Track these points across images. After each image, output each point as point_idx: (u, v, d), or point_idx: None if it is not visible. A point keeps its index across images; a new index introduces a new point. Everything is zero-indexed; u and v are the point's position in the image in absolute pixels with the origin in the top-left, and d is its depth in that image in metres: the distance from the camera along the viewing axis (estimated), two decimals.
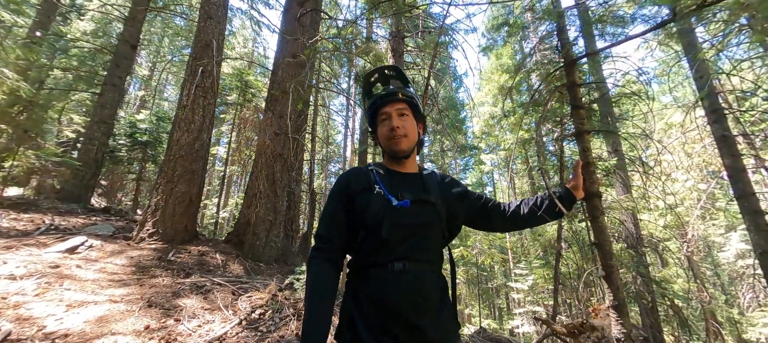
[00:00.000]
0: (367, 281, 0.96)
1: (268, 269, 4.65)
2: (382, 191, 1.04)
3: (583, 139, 1.13)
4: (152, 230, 4.32)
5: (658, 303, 5.36)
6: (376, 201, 1.01)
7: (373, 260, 0.97)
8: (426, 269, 0.99)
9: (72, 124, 9.70)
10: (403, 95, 1.08)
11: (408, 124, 1.07)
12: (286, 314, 3.20)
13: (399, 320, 0.90)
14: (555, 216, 1.12)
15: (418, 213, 1.02)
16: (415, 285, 0.94)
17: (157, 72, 16.23)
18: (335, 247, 1.00)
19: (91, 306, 2.65)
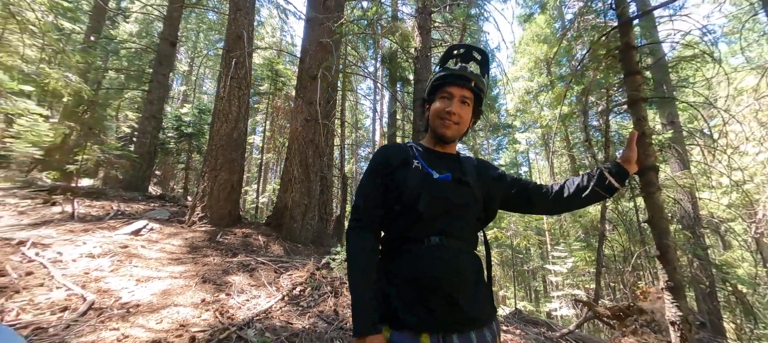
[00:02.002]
0: (402, 256, 0.96)
1: (305, 250, 4.90)
2: (420, 165, 1.04)
3: (639, 108, 1.03)
4: (201, 214, 4.71)
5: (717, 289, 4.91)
6: (413, 175, 1.00)
7: (408, 236, 0.97)
8: (462, 247, 0.99)
9: (127, 120, 10.66)
10: (476, 85, 1.05)
11: (465, 113, 1.05)
12: (324, 291, 3.38)
13: (436, 294, 0.90)
14: (604, 194, 1.04)
15: (455, 191, 1.01)
16: (451, 261, 0.94)
17: (196, 67, 17.19)
18: (373, 218, 1.01)
19: (156, 281, 2.98)
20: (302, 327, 2.66)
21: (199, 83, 18.67)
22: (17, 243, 3.06)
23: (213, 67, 17.30)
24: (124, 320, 2.31)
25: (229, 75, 5.43)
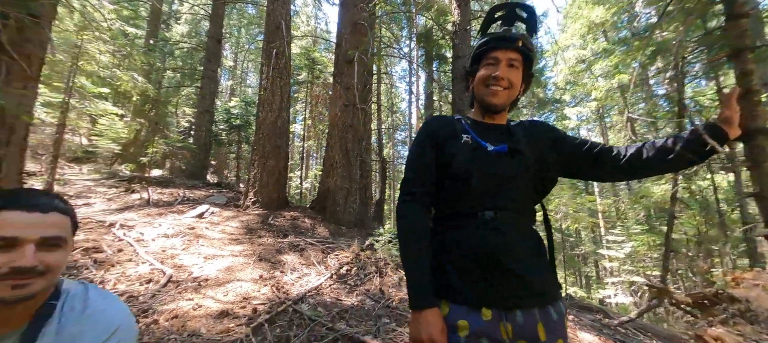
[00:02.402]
0: (455, 231, 0.93)
1: (349, 232, 5.07)
2: (470, 138, 0.98)
3: (743, 60, 0.85)
4: (254, 198, 5.08)
5: None
6: (463, 149, 0.96)
7: (459, 210, 0.94)
8: (518, 221, 0.94)
9: (185, 115, 11.69)
10: (524, 44, 0.96)
11: (514, 77, 0.96)
12: (369, 271, 3.48)
13: (494, 268, 0.87)
14: (695, 158, 0.90)
15: (509, 164, 0.95)
16: (507, 235, 0.89)
17: (239, 61, 18.21)
18: (425, 191, 0.97)
19: (220, 258, 3.30)
20: (351, 304, 2.78)
21: (243, 77, 19.80)
22: (109, 225, 3.56)
23: (255, 60, 18.19)
24: (197, 292, 2.60)
25: (271, 65, 5.65)
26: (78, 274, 2.52)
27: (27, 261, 0.63)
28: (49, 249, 0.67)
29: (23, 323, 0.68)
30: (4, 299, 0.62)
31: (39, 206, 0.67)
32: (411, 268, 0.89)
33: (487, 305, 0.85)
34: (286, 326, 2.32)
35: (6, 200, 0.66)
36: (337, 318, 2.50)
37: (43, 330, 0.69)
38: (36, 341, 0.67)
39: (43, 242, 0.65)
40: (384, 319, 2.61)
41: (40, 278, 0.65)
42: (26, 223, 0.65)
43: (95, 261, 2.74)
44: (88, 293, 0.77)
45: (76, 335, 0.70)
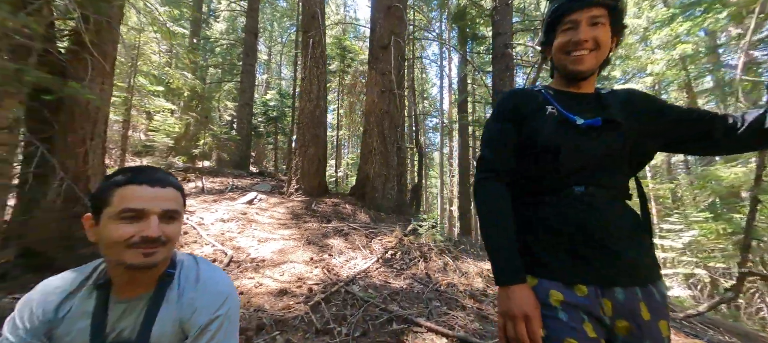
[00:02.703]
0: (542, 207, 0.88)
1: (388, 218, 5.11)
2: (556, 110, 0.91)
3: None
4: (297, 186, 5.27)
5: None
6: (549, 123, 0.89)
7: (546, 186, 0.89)
8: (612, 196, 0.87)
9: (227, 109, 12.35)
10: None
11: (601, 35, 0.86)
12: (414, 256, 3.49)
13: (589, 244, 0.81)
14: None
15: (602, 137, 0.86)
16: (600, 209, 0.83)
17: (274, 55, 18.78)
18: (505, 168, 0.93)
19: (272, 241, 3.48)
20: (400, 287, 2.81)
21: (278, 70, 20.44)
22: None
23: (288, 53, 18.67)
24: (256, 272, 2.77)
25: (309, 55, 5.74)
26: None
27: (153, 231, 0.68)
28: (168, 221, 0.73)
29: (150, 288, 0.76)
30: (135, 265, 0.68)
31: (160, 181, 0.73)
32: (496, 244, 0.86)
33: (581, 282, 0.80)
34: (341, 306, 2.40)
35: (132, 175, 0.72)
36: (388, 300, 2.54)
37: (166, 295, 0.76)
38: (162, 303, 0.75)
39: (164, 214, 0.71)
40: (434, 302, 2.61)
41: (163, 247, 0.71)
42: (151, 196, 0.70)
43: None
44: (198, 265, 0.83)
45: (194, 300, 0.76)
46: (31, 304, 0.70)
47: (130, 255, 0.67)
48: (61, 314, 0.70)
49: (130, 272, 0.70)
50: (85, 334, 0.69)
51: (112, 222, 0.67)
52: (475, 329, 2.26)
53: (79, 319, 0.71)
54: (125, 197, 0.68)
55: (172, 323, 0.74)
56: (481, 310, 2.57)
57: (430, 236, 3.73)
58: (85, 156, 2.46)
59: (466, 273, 3.30)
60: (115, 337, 0.72)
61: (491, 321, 2.40)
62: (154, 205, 0.70)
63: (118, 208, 0.68)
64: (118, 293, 0.74)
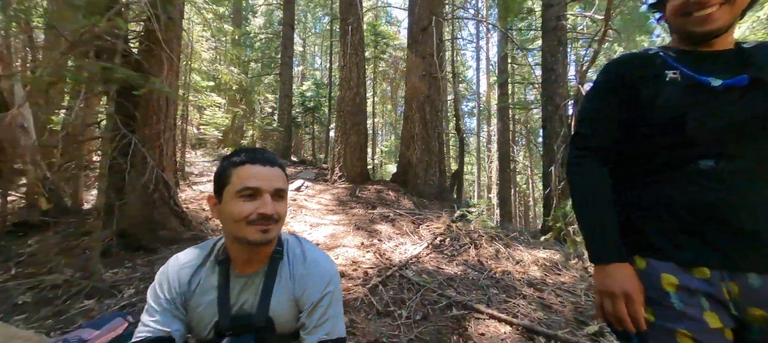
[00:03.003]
0: (657, 185, 0.79)
1: (431, 204, 5.05)
2: (679, 74, 0.78)
3: None
4: (340, 173, 5.38)
5: None
6: (670, 90, 0.77)
7: (662, 162, 0.79)
8: (752, 169, 0.73)
9: (267, 101, 12.88)
10: None
11: None
12: (464, 242, 3.41)
13: (716, 223, 0.71)
14: None
15: (745, 100, 0.72)
16: (734, 186, 0.72)
17: (308, 46, 19.15)
18: (603, 145, 0.86)
19: (323, 226, 3.59)
20: (453, 273, 2.77)
21: (311, 61, 20.86)
22: None
23: (321, 44, 18.93)
24: None
25: (348, 42, 5.73)
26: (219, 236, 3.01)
27: (269, 209, 0.71)
28: (279, 199, 0.75)
29: (264, 264, 0.79)
30: (255, 241, 0.71)
31: (270, 161, 0.76)
32: (593, 221, 0.81)
33: (704, 264, 0.71)
34: (398, 289, 2.42)
35: (247, 155, 0.76)
36: (444, 285, 2.51)
37: (278, 271, 0.80)
38: (276, 277, 0.79)
39: (275, 192, 0.74)
40: (492, 289, 2.54)
41: (275, 224, 0.74)
42: (265, 175, 0.73)
43: None
44: (302, 244, 0.86)
45: (305, 277, 0.79)
46: (168, 276, 0.76)
47: (251, 231, 0.70)
48: (192, 287, 0.76)
49: (248, 248, 0.74)
50: (214, 305, 0.75)
51: (233, 200, 0.71)
52: (540, 318, 2.16)
53: (207, 292, 0.76)
54: (243, 177, 0.72)
55: (287, 297, 0.78)
56: (542, 299, 2.45)
57: (479, 223, 3.62)
58: (160, 148, 2.68)
59: (521, 261, 3.16)
60: (238, 309, 0.76)
61: (555, 311, 2.28)
62: (267, 184, 0.72)
63: (237, 187, 0.71)
64: (237, 268, 0.78)
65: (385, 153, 16.56)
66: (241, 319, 0.75)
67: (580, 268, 3.12)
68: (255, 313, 0.76)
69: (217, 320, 0.74)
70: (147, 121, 2.57)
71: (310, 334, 0.75)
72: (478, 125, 17.21)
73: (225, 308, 0.75)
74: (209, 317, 0.75)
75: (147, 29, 2.56)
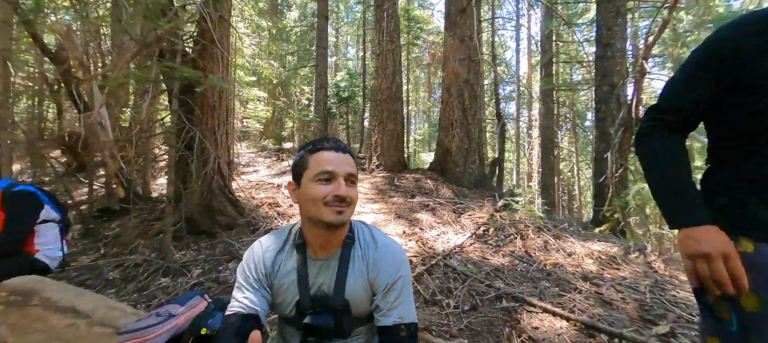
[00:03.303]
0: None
1: (471, 193, 4.91)
2: None
3: None
4: (377, 162, 5.42)
5: None
6: None
7: None
8: None
9: (304, 93, 13.26)
10: None
11: None
12: (509, 232, 3.28)
13: None
14: None
15: None
16: None
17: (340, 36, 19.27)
18: (686, 120, 0.82)
19: (364, 215, 3.66)
20: (500, 264, 2.68)
21: (344, 51, 21.02)
22: (277, 186, 4.39)
23: (354, 33, 18.95)
24: None
25: (383, 29, 5.66)
26: (270, 223, 3.18)
27: (343, 191, 0.74)
28: (350, 184, 0.77)
29: (337, 248, 0.82)
30: (331, 222, 0.74)
31: (342, 148, 0.79)
32: (673, 185, 0.78)
33: None
34: (443, 279, 2.40)
35: (321, 142, 0.80)
36: (491, 276, 2.45)
37: (352, 255, 0.82)
38: (349, 261, 0.82)
39: (347, 177, 0.76)
40: (543, 282, 2.42)
41: (348, 207, 0.76)
42: (338, 160, 0.76)
43: (278, 213, 3.40)
44: (371, 230, 0.87)
45: (378, 261, 0.81)
46: (254, 258, 0.82)
47: (327, 212, 0.73)
48: (275, 269, 0.82)
49: (324, 230, 0.77)
50: (294, 286, 0.80)
51: (311, 183, 0.75)
52: (599, 314, 2.02)
53: (288, 273, 0.81)
54: (319, 161, 0.75)
55: (361, 280, 0.80)
56: (600, 294, 2.29)
57: (526, 212, 3.45)
58: (216, 140, 2.87)
59: (573, 253, 2.98)
60: (316, 290, 0.81)
61: (617, 307, 2.12)
62: (341, 168, 0.75)
63: (315, 171, 0.75)
64: (313, 252, 0.82)
65: (419, 141, 16.37)
66: (320, 299, 0.79)
67: (642, 263, 2.86)
68: (332, 295, 0.79)
69: (298, 300, 0.79)
70: (204, 116, 2.76)
71: (384, 316, 0.77)
72: (518, 110, 16.29)
73: (304, 289, 0.79)
74: (291, 297, 0.80)
75: (201, 29, 2.71)
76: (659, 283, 2.38)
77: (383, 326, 0.77)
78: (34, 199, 1.56)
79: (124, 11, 2.83)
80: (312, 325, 0.77)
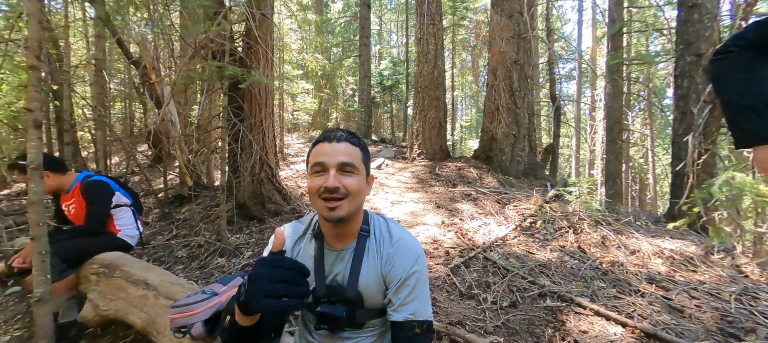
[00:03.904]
0: None
1: (519, 183, 4.59)
2: None
3: None
4: (418, 151, 5.34)
5: None
6: None
7: None
8: None
9: (348, 84, 13.54)
10: None
11: None
12: (560, 226, 3.01)
13: None
14: None
15: None
16: None
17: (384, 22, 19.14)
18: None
19: (403, 204, 3.65)
20: (547, 259, 2.48)
21: (387, 39, 20.88)
22: None
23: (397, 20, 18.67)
24: None
25: (425, 13, 5.46)
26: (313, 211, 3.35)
27: (330, 182, 0.71)
28: (345, 174, 0.74)
29: (352, 240, 0.83)
30: (324, 217, 0.75)
31: (337, 137, 0.77)
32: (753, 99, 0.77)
33: None
34: (482, 272, 2.30)
35: (321, 135, 0.80)
36: (535, 272, 2.28)
37: (366, 248, 0.82)
38: (364, 254, 0.82)
39: (340, 167, 0.74)
40: (597, 282, 2.19)
41: (344, 201, 0.74)
42: (331, 151, 0.75)
43: None
44: (388, 224, 0.86)
45: (393, 256, 0.80)
46: None
47: (320, 206, 0.74)
48: (295, 255, 0.86)
49: (330, 224, 0.78)
50: (312, 273, 0.82)
51: (309, 177, 0.77)
52: (665, 321, 1.77)
53: (306, 260, 0.85)
54: (314, 154, 0.77)
55: (374, 273, 0.80)
56: (668, 299, 1.99)
57: (581, 204, 3.13)
58: (263, 133, 3.08)
59: (637, 251, 2.63)
60: (332, 280, 0.83)
61: (689, 316, 1.83)
62: (331, 159, 0.74)
63: (311, 163, 0.77)
64: (329, 243, 0.84)
65: (465, 128, 15.73)
66: (335, 289, 0.81)
67: (728, 266, 2.41)
68: (346, 286, 0.80)
69: (315, 288, 0.82)
70: (251, 110, 2.97)
71: (397, 311, 0.76)
72: (579, 90, 14.64)
73: (320, 277, 0.82)
74: None
75: (246, 28, 2.90)
76: (750, 290, 1.99)
77: (395, 321, 0.76)
78: (107, 187, 1.85)
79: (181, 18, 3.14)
80: (325, 313, 0.79)
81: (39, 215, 1.11)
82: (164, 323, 1.30)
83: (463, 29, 12.51)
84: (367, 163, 0.83)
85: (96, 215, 1.77)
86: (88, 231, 1.76)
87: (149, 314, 1.38)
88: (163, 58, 4.16)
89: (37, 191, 1.10)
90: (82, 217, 1.78)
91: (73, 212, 1.81)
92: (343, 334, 0.83)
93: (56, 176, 1.77)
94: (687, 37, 3.82)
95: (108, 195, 1.83)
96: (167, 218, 3.45)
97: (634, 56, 9.39)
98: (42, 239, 1.13)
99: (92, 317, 1.56)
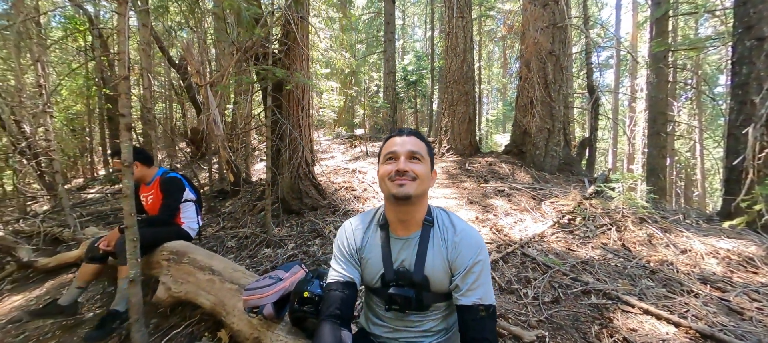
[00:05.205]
0: None
1: (554, 178, 4.46)
2: None
3: None
4: (448, 146, 5.31)
5: None
6: None
7: None
8: None
9: (373, 80, 13.61)
10: None
11: None
12: (601, 223, 2.91)
13: None
14: None
15: None
16: None
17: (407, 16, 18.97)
18: None
19: (434, 200, 3.67)
20: (589, 257, 2.42)
21: (411, 33, 20.69)
22: (352, 171, 4.70)
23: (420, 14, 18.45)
24: None
25: (453, 4, 5.39)
26: (347, 205, 3.46)
27: (401, 165, 0.85)
28: (413, 161, 0.87)
29: (417, 229, 0.91)
30: (394, 193, 0.85)
31: (405, 132, 0.91)
32: None
33: None
34: (520, 268, 2.30)
35: (395, 131, 0.92)
36: (578, 269, 2.24)
37: (430, 236, 0.90)
38: (429, 241, 0.90)
39: (409, 155, 0.86)
40: (644, 281, 2.11)
41: (412, 181, 0.85)
42: (401, 142, 0.89)
43: (354, 196, 3.67)
44: (449, 216, 0.93)
45: (458, 244, 0.88)
46: (346, 235, 0.98)
47: (392, 186, 0.86)
48: (363, 244, 0.95)
49: (396, 207, 0.88)
50: (379, 261, 0.92)
51: (382, 164, 0.90)
52: (722, 323, 1.69)
53: (373, 249, 0.94)
54: (387, 145, 0.91)
55: (441, 260, 0.88)
56: (726, 301, 1.89)
57: (624, 200, 3.00)
58: (301, 131, 3.21)
59: (688, 251, 2.49)
60: (399, 265, 0.91)
61: (750, 318, 1.73)
62: (401, 148, 0.88)
63: (384, 154, 0.90)
64: (394, 231, 0.92)
65: (492, 122, 15.33)
66: (402, 274, 0.89)
67: None
68: (413, 270, 0.88)
69: (383, 273, 0.90)
70: (291, 109, 3.11)
71: (464, 296, 0.84)
72: (617, 79, 13.76)
73: (388, 263, 0.90)
74: (376, 270, 0.92)
75: (285, 31, 3.02)
76: None
77: (463, 305, 0.83)
78: (180, 183, 2.04)
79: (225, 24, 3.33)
80: (396, 294, 0.87)
81: (131, 207, 1.27)
82: (232, 305, 1.43)
83: (490, 20, 12.14)
84: (432, 157, 0.93)
85: (170, 208, 1.97)
86: (161, 221, 1.96)
87: (217, 296, 1.53)
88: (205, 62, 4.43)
89: (130, 185, 1.26)
90: (157, 208, 1.98)
91: (149, 202, 2.03)
92: (410, 317, 0.91)
93: (143, 167, 1.99)
94: (747, 20, 3.51)
95: (181, 191, 2.03)
96: (213, 211, 3.71)
97: (681, 42, 8.68)
98: (133, 228, 1.29)
99: (165, 297, 1.75)
